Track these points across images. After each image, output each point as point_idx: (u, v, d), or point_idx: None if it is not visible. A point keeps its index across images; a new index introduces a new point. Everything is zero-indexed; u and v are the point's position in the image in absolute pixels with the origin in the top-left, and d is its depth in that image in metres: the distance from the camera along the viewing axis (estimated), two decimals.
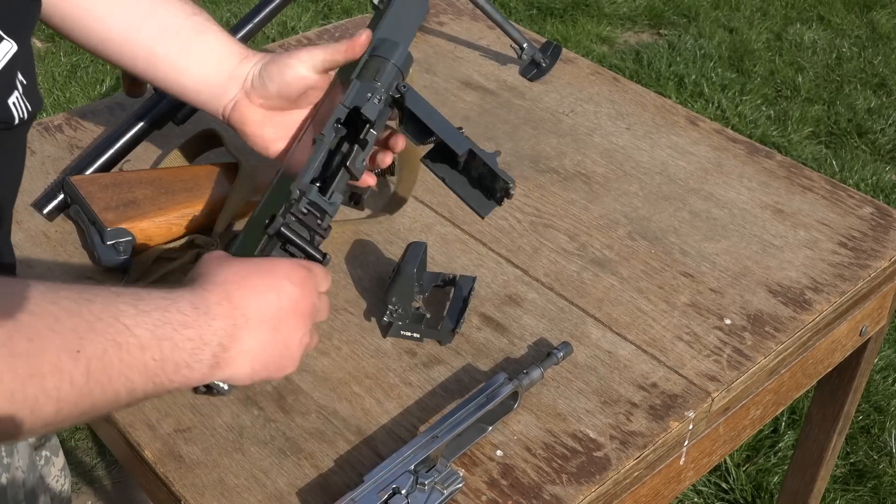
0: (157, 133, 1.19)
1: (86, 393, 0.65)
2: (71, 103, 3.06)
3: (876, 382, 2.23)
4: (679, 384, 0.97)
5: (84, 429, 2.11)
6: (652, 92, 1.45)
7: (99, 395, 0.66)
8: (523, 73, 1.46)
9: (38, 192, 1.16)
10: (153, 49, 0.97)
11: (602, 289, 1.08)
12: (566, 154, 1.30)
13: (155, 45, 0.97)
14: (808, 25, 3.78)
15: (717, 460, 1.07)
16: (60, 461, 1.13)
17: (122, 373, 0.67)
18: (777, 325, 1.05)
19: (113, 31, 0.96)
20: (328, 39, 1.53)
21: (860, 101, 3.30)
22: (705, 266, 1.12)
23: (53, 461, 1.11)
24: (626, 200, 1.22)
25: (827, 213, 1.21)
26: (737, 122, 3.18)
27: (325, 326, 1.01)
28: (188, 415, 0.92)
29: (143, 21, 0.96)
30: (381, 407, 0.93)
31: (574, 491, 0.86)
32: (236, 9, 3.60)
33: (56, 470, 1.12)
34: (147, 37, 0.97)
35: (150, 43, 0.97)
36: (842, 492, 1.99)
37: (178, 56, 0.97)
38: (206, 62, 0.97)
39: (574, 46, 3.52)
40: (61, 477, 1.13)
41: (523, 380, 0.91)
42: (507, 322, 1.03)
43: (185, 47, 0.97)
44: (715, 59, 3.51)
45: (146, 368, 0.68)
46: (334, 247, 1.12)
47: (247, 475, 0.87)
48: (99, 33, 0.96)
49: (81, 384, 0.64)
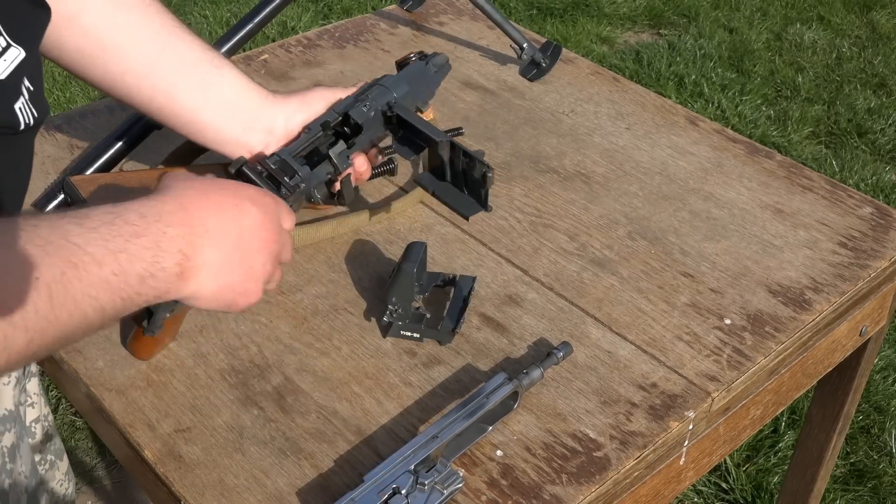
0: (157, 133, 1.19)
1: (53, 319, 0.64)
2: (71, 103, 3.06)
3: (876, 382, 2.23)
4: (679, 384, 0.97)
5: (84, 429, 2.11)
6: (652, 92, 1.45)
7: (67, 319, 0.65)
8: (523, 73, 1.46)
9: (38, 192, 1.16)
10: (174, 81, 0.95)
11: (602, 289, 1.08)
12: (566, 154, 1.30)
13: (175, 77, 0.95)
14: (808, 25, 3.78)
15: (717, 460, 1.07)
16: (65, 465, 1.13)
17: (85, 293, 0.66)
18: (777, 325, 1.05)
19: (134, 63, 0.94)
20: (328, 39, 1.54)
21: (860, 101, 3.30)
22: (705, 266, 1.12)
23: (58, 465, 1.11)
24: (626, 200, 1.22)
25: (827, 213, 1.21)
26: (737, 122, 3.18)
27: (325, 326, 1.01)
28: (188, 415, 0.92)
29: (163, 54, 0.95)
30: (381, 407, 0.93)
31: (574, 491, 0.86)
32: (236, 9, 3.60)
33: (60, 474, 1.12)
34: (168, 68, 0.95)
35: (171, 75, 0.95)
36: (842, 492, 2.00)
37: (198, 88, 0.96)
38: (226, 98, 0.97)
39: (574, 46, 3.52)
40: (66, 480, 1.13)
41: (523, 380, 0.91)
42: (507, 322, 1.03)
43: (204, 80, 0.96)
44: (715, 59, 3.51)
45: (108, 284, 0.67)
46: (334, 247, 1.12)
47: (247, 475, 0.87)
48: (118, 65, 0.94)
49: (47, 311, 0.64)
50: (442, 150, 0.96)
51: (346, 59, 1.49)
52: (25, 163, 0.83)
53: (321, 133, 0.96)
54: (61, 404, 2.15)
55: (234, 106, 0.97)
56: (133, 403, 0.93)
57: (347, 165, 0.98)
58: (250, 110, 0.97)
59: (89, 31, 0.92)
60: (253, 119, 0.97)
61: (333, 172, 0.97)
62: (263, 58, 1.48)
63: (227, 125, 0.96)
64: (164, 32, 0.95)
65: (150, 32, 0.95)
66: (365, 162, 1.01)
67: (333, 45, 1.52)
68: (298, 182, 0.92)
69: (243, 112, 0.97)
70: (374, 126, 1.00)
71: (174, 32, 0.96)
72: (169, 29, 0.96)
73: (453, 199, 0.98)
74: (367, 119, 0.98)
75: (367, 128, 0.99)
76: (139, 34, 0.94)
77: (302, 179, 0.92)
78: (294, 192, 0.92)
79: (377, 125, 1.00)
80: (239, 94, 0.97)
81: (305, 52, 1.50)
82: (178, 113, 0.96)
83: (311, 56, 1.49)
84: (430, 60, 1.08)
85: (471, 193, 0.97)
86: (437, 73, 1.08)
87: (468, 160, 0.95)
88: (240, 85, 0.98)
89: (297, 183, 0.92)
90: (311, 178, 0.95)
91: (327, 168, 0.97)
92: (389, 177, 1.23)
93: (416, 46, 1.52)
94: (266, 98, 0.98)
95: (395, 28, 1.58)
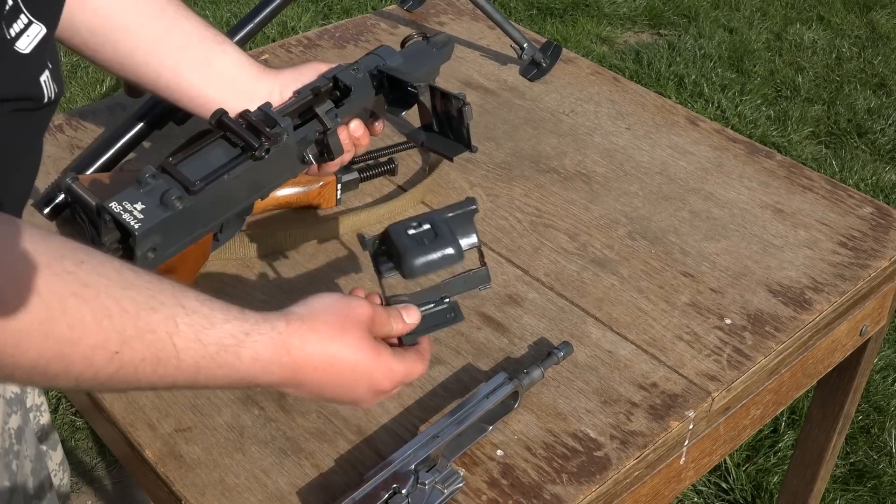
0: (157, 133, 1.19)
1: (105, 384, 0.65)
2: (71, 103, 3.06)
3: (876, 382, 2.23)
4: (679, 384, 0.97)
5: (84, 429, 2.11)
6: (652, 92, 1.45)
7: (116, 387, 0.66)
8: (523, 73, 1.47)
9: (39, 192, 1.16)
10: (180, 57, 0.98)
11: (602, 289, 1.08)
12: (566, 154, 1.30)
13: (181, 53, 0.98)
14: (808, 25, 3.78)
15: (717, 460, 1.07)
16: (59, 455, 1.13)
17: (150, 381, 0.66)
18: (777, 324, 1.05)
19: (142, 41, 0.97)
20: (328, 39, 1.54)
21: (860, 101, 3.30)
22: (705, 266, 1.12)
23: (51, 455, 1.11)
24: (627, 200, 1.22)
25: (827, 212, 1.21)
26: (737, 122, 3.18)
27: None
28: (188, 415, 0.92)
29: (169, 31, 0.98)
30: (381, 407, 0.93)
31: (574, 491, 0.86)
32: (236, 9, 3.60)
33: (54, 464, 1.12)
34: (174, 45, 0.98)
35: (177, 51, 0.98)
36: (842, 492, 2.00)
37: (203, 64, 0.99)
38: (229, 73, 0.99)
39: (574, 46, 3.52)
40: (59, 471, 1.13)
41: (523, 379, 0.91)
42: (508, 322, 1.03)
43: (207, 56, 0.99)
44: (715, 59, 3.51)
45: (174, 383, 0.68)
46: (334, 246, 1.12)
47: (247, 475, 0.87)
48: (127, 43, 0.97)
49: (104, 378, 0.64)
50: (423, 96, 0.98)
51: (347, 59, 1.49)
52: (39, 144, 0.84)
53: (311, 96, 0.98)
54: (61, 404, 2.15)
55: (236, 80, 1.00)
56: (133, 403, 0.93)
57: (336, 123, 0.98)
58: (249, 83, 1.00)
59: (100, 10, 0.95)
60: (252, 92, 1.00)
61: (322, 130, 0.97)
62: (264, 58, 1.48)
63: (230, 99, 0.98)
64: (170, 11, 0.99)
65: (157, 10, 0.98)
66: (361, 126, 1.02)
67: (333, 45, 1.52)
68: (280, 132, 0.92)
69: (243, 85, 1.00)
70: (363, 88, 1.01)
71: (179, 11, 0.99)
72: (174, 8, 0.99)
73: (440, 145, 1.00)
74: (354, 81, 1.00)
75: (356, 89, 1.00)
76: (147, 13, 0.98)
77: (284, 130, 0.92)
78: (278, 143, 0.91)
79: (366, 87, 1.01)
80: (240, 69, 1.00)
81: (305, 52, 1.50)
82: (185, 88, 0.99)
83: (311, 56, 1.49)
84: (430, 39, 1.10)
85: (456, 138, 0.98)
86: (437, 51, 1.09)
87: (445, 100, 0.96)
88: (239, 61, 1.01)
89: (278, 133, 0.91)
90: (296, 133, 0.95)
91: (316, 126, 0.97)
92: (390, 176, 1.23)
93: None
94: (262, 71, 1.02)
95: (395, 28, 1.58)
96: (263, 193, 0.95)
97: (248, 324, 0.70)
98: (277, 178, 0.96)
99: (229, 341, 0.69)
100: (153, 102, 1.18)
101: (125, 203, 0.82)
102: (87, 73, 3.24)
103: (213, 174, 0.87)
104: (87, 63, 3.28)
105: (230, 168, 0.88)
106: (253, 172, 0.90)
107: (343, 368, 0.75)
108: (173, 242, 0.85)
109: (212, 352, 0.68)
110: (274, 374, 0.72)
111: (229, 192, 0.89)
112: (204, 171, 0.87)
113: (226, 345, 0.68)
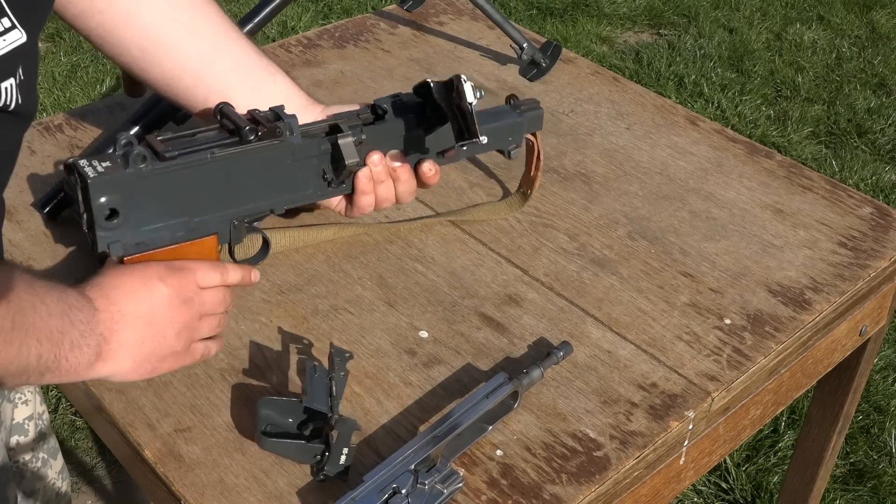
0: None
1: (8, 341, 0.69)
2: (71, 103, 3.06)
3: (876, 382, 2.23)
4: (679, 384, 0.97)
5: (84, 429, 2.11)
6: (652, 92, 1.45)
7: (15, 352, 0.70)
8: (523, 73, 1.47)
9: (39, 192, 1.16)
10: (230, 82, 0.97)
11: (602, 289, 1.08)
12: (566, 154, 1.30)
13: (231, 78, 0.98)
14: (807, 25, 3.78)
15: (717, 460, 1.07)
16: (59, 464, 1.13)
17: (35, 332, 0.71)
18: (777, 324, 1.05)
19: (191, 63, 0.97)
20: (328, 39, 1.54)
21: (860, 101, 3.31)
22: (705, 266, 1.12)
23: (51, 463, 1.11)
24: (626, 200, 1.22)
25: (827, 213, 1.21)
26: (737, 122, 3.18)
27: (325, 326, 1.01)
28: (188, 414, 0.92)
29: (221, 55, 0.98)
30: (381, 407, 0.93)
31: (574, 491, 0.86)
32: (236, 9, 3.60)
33: (54, 472, 1.12)
34: (224, 69, 0.98)
35: (226, 76, 0.97)
36: (842, 492, 2.00)
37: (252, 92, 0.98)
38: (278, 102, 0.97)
39: (574, 46, 3.52)
40: (59, 480, 1.13)
41: (523, 379, 0.91)
42: (507, 322, 1.03)
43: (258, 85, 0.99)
44: (715, 59, 3.51)
45: (51, 335, 0.73)
46: (334, 246, 1.12)
47: (247, 475, 0.87)
48: (177, 64, 0.96)
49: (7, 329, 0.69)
50: (440, 99, 0.94)
51: (347, 58, 1.49)
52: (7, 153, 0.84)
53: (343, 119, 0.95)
54: (61, 404, 2.15)
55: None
56: (133, 403, 0.93)
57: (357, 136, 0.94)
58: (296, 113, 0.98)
59: (149, 27, 0.95)
60: None
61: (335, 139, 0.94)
62: None
63: None
64: (221, 34, 0.98)
65: (208, 32, 0.97)
66: (398, 158, 0.98)
67: (333, 45, 1.52)
68: (280, 126, 0.90)
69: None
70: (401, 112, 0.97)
71: (229, 35, 0.99)
72: (225, 31, 0.98)
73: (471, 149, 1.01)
74: (392, 104, 0.97)
75: (392, 111, 0.97)
76: (197, 33, 0.97)
77: (287, 126, 0.90)
78: (276, 136, 0.90)
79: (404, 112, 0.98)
80: (288, 99, 0.99)
81: (305, 51, 1.50)
82: None
83: (311, 56, 1.49)
84: (520, 107, 1.09)
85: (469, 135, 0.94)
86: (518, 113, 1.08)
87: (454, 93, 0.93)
88: (289, 91, 1.01)
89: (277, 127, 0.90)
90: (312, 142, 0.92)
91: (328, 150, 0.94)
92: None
93: (417, 46, 1.52)
94: (310, 103, 1.02)
95: (395, 28, 1.58)
96: (276, 203, 0.93)
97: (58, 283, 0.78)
98: (290, 185, 0.93)
99: (59, 285, 0.78)
100: (153, 102, 1.17)
101: (94, 161, 0.83)
102: (87, 73, 3.24)
103: (193, 150, 0.86)
104: (87, 63, 3.28)
105: (213, 147, 0.87)
106: (248, 164, 0.89)
107: (130, 269, 0.83)
108: (144, 215, 0.85)
109: (56, 294, 0.76)
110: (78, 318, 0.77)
111: (217, 178, 0.88)
112: (185, 147, 0.86)
113: (60, 286, 0.78)
